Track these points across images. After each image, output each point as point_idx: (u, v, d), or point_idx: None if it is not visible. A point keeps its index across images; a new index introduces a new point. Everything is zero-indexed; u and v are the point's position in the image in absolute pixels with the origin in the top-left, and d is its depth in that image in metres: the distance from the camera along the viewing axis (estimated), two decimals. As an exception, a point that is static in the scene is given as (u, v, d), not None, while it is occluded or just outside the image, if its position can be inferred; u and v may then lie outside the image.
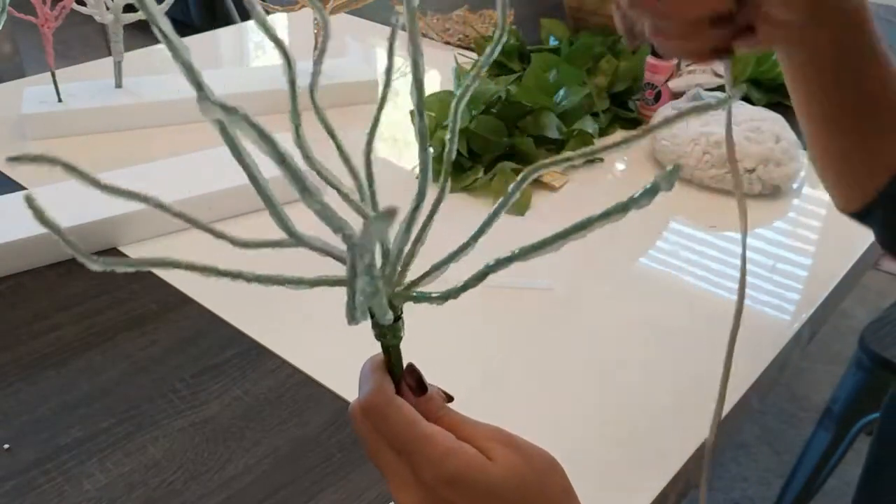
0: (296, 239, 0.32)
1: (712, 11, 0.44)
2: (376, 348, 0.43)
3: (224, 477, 0.59)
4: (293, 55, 0.34)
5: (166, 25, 0.24)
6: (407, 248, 0.36)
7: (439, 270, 0.37)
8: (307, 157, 0.34)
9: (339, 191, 0.34)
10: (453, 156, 0.36)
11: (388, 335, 0.39)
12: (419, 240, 0.36)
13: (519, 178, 0.35)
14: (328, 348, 0.72)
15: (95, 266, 0.31)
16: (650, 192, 0.28)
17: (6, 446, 0.61)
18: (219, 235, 0.34)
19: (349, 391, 0.66)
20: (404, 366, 0.41)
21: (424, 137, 0.35)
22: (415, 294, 0.36)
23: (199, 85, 0.23)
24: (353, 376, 0.44)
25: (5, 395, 0.66)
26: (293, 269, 0.35)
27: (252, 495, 0.58)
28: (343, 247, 0.31)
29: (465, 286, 0.34)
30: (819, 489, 1.36)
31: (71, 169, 0.28)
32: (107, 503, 0.57)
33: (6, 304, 0.76)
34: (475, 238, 0.37)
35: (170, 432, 0.63)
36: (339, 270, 0.37)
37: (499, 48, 0.35)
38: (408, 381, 0.41)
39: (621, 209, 0.29)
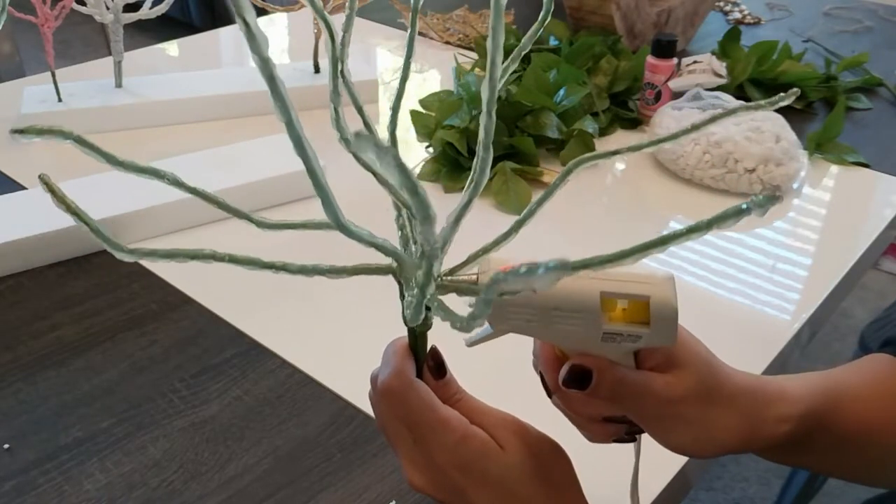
0: (345, 231, 0.31)
1: (599, 414, 0.45)
2: (376, 348, 0.43)
3: (224, 477, 0.59)
4: (335, 32, 0.34)
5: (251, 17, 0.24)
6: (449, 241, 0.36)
7: (477, 260, 0.38)
8: (345, 140, 0.34)
9: (376, 175, 0.34)
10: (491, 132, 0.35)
11: (421, 323, 0.39)
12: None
13: (565, 169, 0.36)
14: (328, 348, 0.72)
15: (125, 256, 0.30)
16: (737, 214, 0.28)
17: (6, 446, 0.61)
18: (243, 217, 0.33)
19: (349, 391, 0.66)
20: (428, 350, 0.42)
21: (489, 135, 0.34)
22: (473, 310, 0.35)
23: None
24: (353, 376, 0.44)
25: (5, 395, 0.66)
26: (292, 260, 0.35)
27: (252, 495, 0.58)
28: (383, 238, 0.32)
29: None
30: (819, 489, 1.36)
31: (84, 143, 0.28)
32: (107, 503, 0.57)
33: (6, 304, 0.76)
34: (517, 228, 0.38)
35: (170, 432, 0.63)
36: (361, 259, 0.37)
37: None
38: (429, 364, 0.41)
39: (704, 227, 0.29)
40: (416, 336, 0.41)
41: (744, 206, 0.28)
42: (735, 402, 0.45)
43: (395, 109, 0.40)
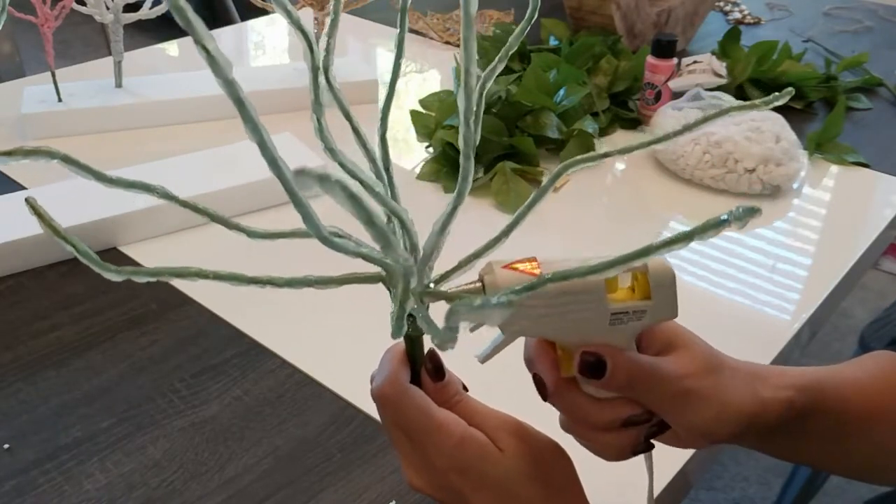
0: (329, 244, 0.31)
1: (621, 416, 0.44)
2: (376, 348, 0.43)
3: (224, 477, 0.59)
4: (313, 40, 0.34)
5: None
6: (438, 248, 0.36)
7: (468, 265, 0.38)
8: (330, 150, 0.34)
9: (363, 183, 0.34)
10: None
11: (415, 329, 0.39)
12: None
13: (555, 172, 0.36)
14: (328, 348, 0.72)
15: (113, 275, 0.30)
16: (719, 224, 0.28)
17: (6, 446, 0.61)
18: (233, 227, 0.33)
19: (349, 391, 0.66)
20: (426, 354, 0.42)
21: (469, 144, 0.34)
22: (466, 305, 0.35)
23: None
24: (353, 376, 0.44)
25: (5, 395, 0.66)
26: (294, 266, 0.35)
27: (252, 495, 0.58)
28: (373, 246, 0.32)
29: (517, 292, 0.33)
30: (819, 489, 1.36)
31: (71, 162, 0.28)
32: (107, 503, 0.57)
33: (6, 304, 0.76)
34: (507, 232, 0.38)
35: (170, 432, 0.63)
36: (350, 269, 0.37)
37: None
38: (427, 367, 0.41)
39: (684, 238, 0.29)
40: (412, 340, 0.41)
41: (723, 217, 0.28)
42: (738, 373, 0.45)
43: (385, 113, 0.39)
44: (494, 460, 0.40)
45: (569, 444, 0.44)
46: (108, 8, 1.04)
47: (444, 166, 0.99)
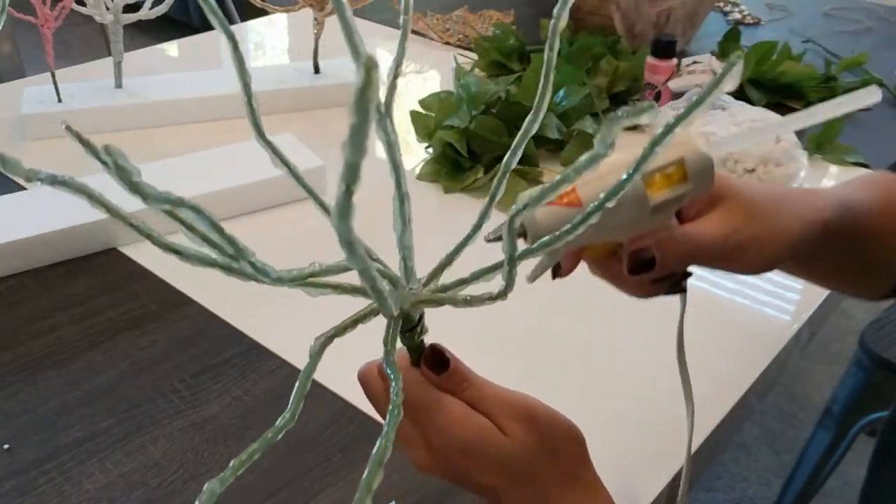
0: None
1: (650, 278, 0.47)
2: (376, 350, 0.43)
3: (224, 477, 0.59)
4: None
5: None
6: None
7: (470, 283, 0.38)
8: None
9: (315, 199, 0.34)
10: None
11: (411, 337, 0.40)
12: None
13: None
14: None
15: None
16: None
17: (6, 446, 0.61)
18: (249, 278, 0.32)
19: (349, 391, 0.66)
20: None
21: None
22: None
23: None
24: (353, 376, 0.44)
25: (5, 395, 0.66)
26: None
27: (252, 495, 0.58)
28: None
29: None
30: (819, 489, 1.36)
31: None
32: (107, 503, 0.57)
33: (6, 304, 0.76)
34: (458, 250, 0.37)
35: (170, 432, 0.63)
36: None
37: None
38: (427, 357, 0.41)
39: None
40: (411, 350, 0.41)
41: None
42: (782, 206, 0.48)
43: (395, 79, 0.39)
44: (496, 443, 0.39)
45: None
46: (108, 8, 1.04)
47: (444, 166, 0.99)
